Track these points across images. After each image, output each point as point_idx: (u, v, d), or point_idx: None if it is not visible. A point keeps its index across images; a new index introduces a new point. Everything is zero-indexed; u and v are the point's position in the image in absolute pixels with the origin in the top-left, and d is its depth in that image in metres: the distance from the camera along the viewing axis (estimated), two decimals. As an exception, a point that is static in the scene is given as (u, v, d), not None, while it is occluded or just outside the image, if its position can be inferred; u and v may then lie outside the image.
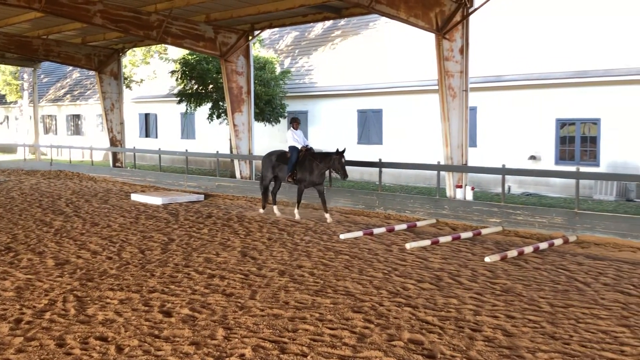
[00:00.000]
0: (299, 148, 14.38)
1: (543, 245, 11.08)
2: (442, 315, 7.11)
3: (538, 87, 19.34)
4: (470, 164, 16.09)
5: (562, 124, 19.16)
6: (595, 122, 18.43)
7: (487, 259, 10.01)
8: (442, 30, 14.76)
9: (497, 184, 19.07)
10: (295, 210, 14.46)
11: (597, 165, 18.28)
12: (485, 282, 8.72)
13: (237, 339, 6.27)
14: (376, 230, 12.57)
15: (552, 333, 6.49)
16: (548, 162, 19.23)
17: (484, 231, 12.62)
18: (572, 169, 13.99)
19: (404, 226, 13.20)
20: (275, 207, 15.09)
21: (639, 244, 11.25)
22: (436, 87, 15.43)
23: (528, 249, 10.71)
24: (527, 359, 5.77)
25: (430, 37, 15.52)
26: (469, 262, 9.95)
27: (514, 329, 6.64)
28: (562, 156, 19.13)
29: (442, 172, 15.30)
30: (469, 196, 14.72)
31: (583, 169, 16.07)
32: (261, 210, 15.30)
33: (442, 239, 11.66)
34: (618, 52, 17.92)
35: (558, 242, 11.48)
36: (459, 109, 15.15)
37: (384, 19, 23.18)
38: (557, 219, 12.59)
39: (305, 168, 14.12)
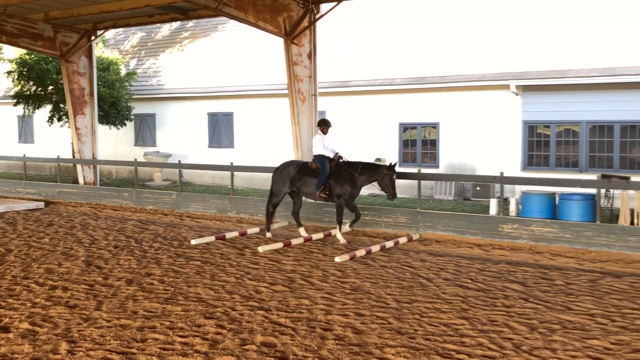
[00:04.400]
0: (331, 157, 12.18)
1: (389, 244, 11.54)
2: (295, 317, 7.19)
3: (382, 93, 20.11)
4: (319, 166, 16.39)
5: (404, 127, 20.07)
6: (435, 126, 19.47)
7: (337, 259, 10.26)
8: (290, 35, 14.95)
9: (346, 185, 19.59)
10: (339, 234, 12.21)
11: (437, 166, 19.31)
12: (336, 281, 8.93)
13: (82, 353, 5.98)
14: (228, 235, 12.49)
15: (399, 328, 6.77)
16: (393, 164, 20.03)
17: (333, 232, 12.91)
18: (415, 170, 14.69)
19: (256, 230, 13.21)
20: (302, 229, 12.60)
21: (475, 240, 12.03)
22: (287, 92, 15.59)
23: (375, 248, 11.11)
24: (375, 355, 5.97)
25: (280, 42, 15.67)
26: (320, 263, 10.15)
27: (363, 326, 6.85)
28: (405, 158, 20.02)
29: (292, 175, 15.45)
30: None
31: (424, 170, 16.91)
32: (268, 234, 12.74)
33: (294, 241, 11.81)
34: (453, 59, 19.04)
35: (403, 240, 12.00)
36: (309, 113, 15.41)
37: (233, 22, 23.09)
38: (402, 218, 13.16)
39: (344, 180, 11.94)
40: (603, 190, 12.42)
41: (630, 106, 16.23)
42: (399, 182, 19.56)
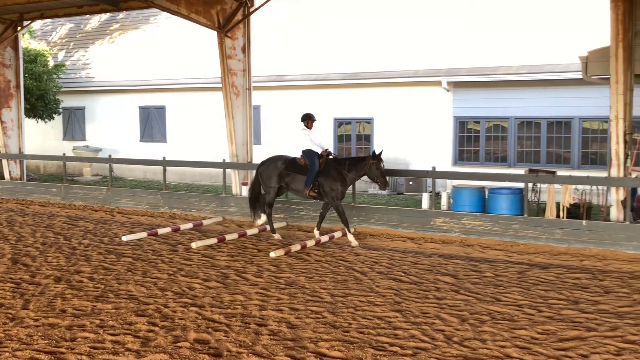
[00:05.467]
0: (320, 153, 11.67)
1: (324, 238, 11.58)
2: (229, 313, 7.14)
3: (317, 88, 20.14)
4: (255, 161, 16.31)
5: (339, 123, 20.16)
6: (369, 121, 19.64)
7: (272, 254, 10.23)
8: (224, 28, 14.79)
9: (281, 180, 19.57)
10: (350, 236, 11.45)
11: (372, 161, 19.49)
12: (270, 277, 8.91)
13: (8, 353, 5.77)
14: (161, 231, 12.29)
15: (333, 322, 6.80)
16: (328, 159, 20.11)
17: (268, 227, 12.85)
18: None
19: (189, 225, 13.04)
20: (260, 220, 12.20)
21: (409, 234, 12.20)
22: (221, 85, 15.43)
23: (310, 243, 11.13)
24: (310, 349, 5.98)
25: (214, 35, 15.48)
26: (254, 258, 10.11)
27: (297, 320, 6.85)
28: (340, 153, 20.12)
29: (227, 170, 15.35)
30: (254, 193, 14.91)
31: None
32: (276, 236, 12.04)
33: (228, 237, 11.71)
34: (388, 55, 19.24)
35: (338, 234, 12.06)
36: (243, 107, 15.30)
37: (165, 13, 22.69)
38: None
39: (334, 178, 11.38)
40: (530, 185, 12.78)
41: (557, 102, 16.77)
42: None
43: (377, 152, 11.30)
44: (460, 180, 14.55)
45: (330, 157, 11.74)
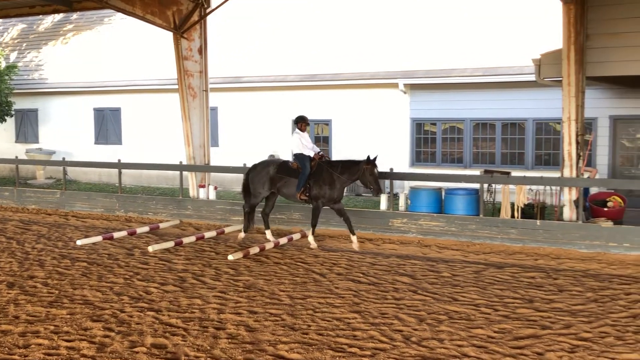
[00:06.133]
0: (312, 156, 11.41)
1: (283, 241, 11.56)
2: (186, 317, 7.06)
3: (275, 89, 20.10)
4: (212, 163, 16.21)
5: (298, 124, 20.13)
6: (327, 123, 19.68)
7: (230, 257, 10.17)
8: (180, 29, 14.66)
9: (240, 182, 19.45)
10: (311, 237, 11.37)
11: (330, 163, 19.53)
12: (229, 280, 8.85)
13: (-44, 364, 5.61)
14: (116, 234, 12.10)
15: (292, 324, 6.79)
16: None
17: (227, 229, 12.80)
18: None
19: (146, 228, 12.87)
20: (269, 232, 11.89)
21: (367, 235, 12.24)
22: (177, 87, 15.28)
23: (269, 245, 11.09)
24: (268, 352, 5.96)
25: (170, 36, 15.31)
26: (212, 261, 10.02)
27: (256, 323, 6.82)
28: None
29: (184, 172, 15.21)
30: (212, 195, 14.82)
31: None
32: (242, 235, 11.95)
33: (185, 240, 11.60)
34: (346, 57, 19.31)
35: (296, 236, 12.04)
36: (200, 109, 15.18)
37: (120, 14, 22.36)
38: (296, 214, 13.21)
39: (324, 181, 11.14)
40: (486, 185, 12.97)
41: (511, 104, 17.06)
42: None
43: (371, 157, 11.05)
44: (418, 182, 14.69)
45: (323, 160, 11.46)
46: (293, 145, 11.64)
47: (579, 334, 6.47)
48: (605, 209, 12.10)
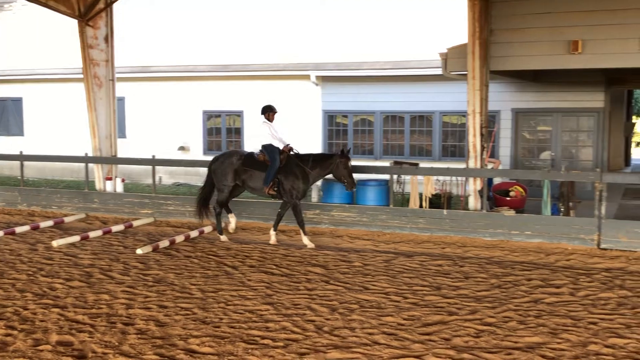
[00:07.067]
0: (281, 148, 10.85)
1: (194, 234, 11.41)
2: (93, 313, 6.86)
3: (186, 79, 19.76)
4: (120, 155, 15.78)
5: (208, 115, 19.91)
6: (239, 114, 19.53)
7: (139, 251, 9.94)
8: (85, 17, 14.16)
9: (148, 175, 19.04)
10: (305, 238, 10.78)
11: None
12: (138, 274, 8.66)
13: None
14: (19, 229, 11.61)
15: (204, 318, 6.71)
16: (197, 152, 19.82)
17: (135, 223, 12.51)
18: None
19: (50, 223, 12.41)
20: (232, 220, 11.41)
21: (280, 227, 12.15)
22: (82, 76, 14.76)
23: (180, 238, 10.92)
24: (179, 347, 5.87)
25: (75, 24, 14.75)
26: (120, 256, 9.77)
27: (166, 318, 6.70)
28: (210, 147, 19.89)
29: (90, 164, 14.73)
30: (120, 188, 14.43)
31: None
32: (223, 238, 11.17)
33: (92, 234, 11.26)
34: (258, 48, 19.20)
35: (208, 229, 11.91)
36: (106, 99, 14.73)
37: (21, 0, 21.40)
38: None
39: (295, 175, 10.69)
40: (395, 176, 13.22)
41: (420, 97, 17.45)
42: (203, 171, 19.39)
43: (345, 150, 10.77)
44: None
45: (292, 152, 11.00)
46: (262, 135, 10.99)
47: (484, 319, 6.71)
48: (508, 199, 12.60)
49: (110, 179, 14.44)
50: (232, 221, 11.50)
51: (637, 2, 11.32)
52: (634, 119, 32.52)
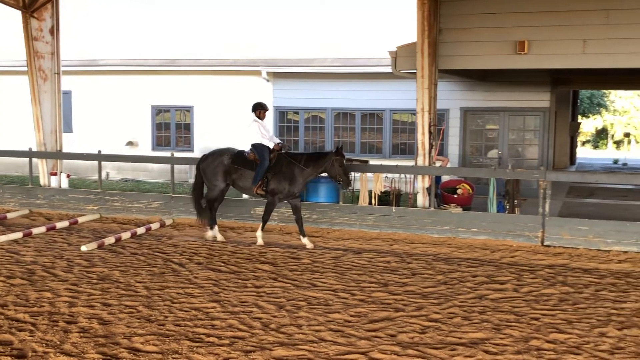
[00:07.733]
0: (271, 147, 10.52)
1: (140, 230, 11.24)
2: (35, 311, 6.70)
3: (134, 73, 19.44)
4: (65, 150, 15.42)
5: (157, 110, 19.64)
6: (189, 110, 19.33)
7: (83, 248, 9.74)
8: (29, 8, 13.78)
9: (95, 170, 18.68)
10: (259, 233, 10.63)
11: (192, 150, 19.20)
12: (82, 271, 8.48)
13: None
14: (-43, 225, 11.26)
15: (148, 316, 6.61)
16: (145, 147, 19.54)
17: (80, 219, 12.26)
18: (168, 154, 14.44)
19: (-9, 219, 12.07)
20: (215, 229, 10.97)
21: (229, 223, 12.15)
22: (26, 69, 14.37)
23: (126, 235, 10.74)
24: (123, 345, 5.77)
25: (19, 14, 14.34)
26: (64, 253, 9.56)
27: (110, 316, 6.58)
28: (159, 142, 19.63)
29: (34, 159, 14.37)
30: (65, 184, 14.11)
31: (177, 154, 16.68)
32: (210, 233, 10.88)
33: (35, 230, 10.99)
34: (208, 43, 19.03)
35: (155, 226, 11.75)
36: (51, 93, 14.38)
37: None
38: (155, 203, 12.88)
39: (284, 175, 10.36)
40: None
41: (370, 95, 17.56)
42: (152, 167, 19.16)
43: (339, 147, 10.47)
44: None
45: (283, 151, 10.67)
46: (252, 134, 10.66)
47: (430, 315, 6.79)
48: (455, 196, 12.76)
49: (55, 174, 14.11)
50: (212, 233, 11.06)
51: (581, 4, 11.61)
52: (579, 118, 33.42)
